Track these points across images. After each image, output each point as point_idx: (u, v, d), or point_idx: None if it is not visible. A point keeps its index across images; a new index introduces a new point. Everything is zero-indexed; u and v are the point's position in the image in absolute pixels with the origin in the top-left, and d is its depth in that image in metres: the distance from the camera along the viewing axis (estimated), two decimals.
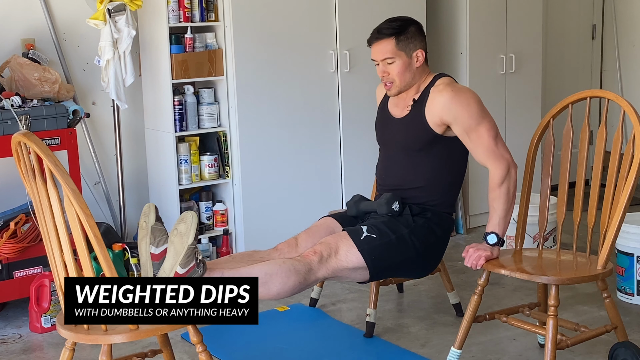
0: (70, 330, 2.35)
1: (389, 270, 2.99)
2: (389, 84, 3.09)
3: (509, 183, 2.97)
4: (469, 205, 5.17)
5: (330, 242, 2.88)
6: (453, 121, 2.97)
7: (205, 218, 4.47)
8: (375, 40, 3.06)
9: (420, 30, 3.12)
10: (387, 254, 2.91)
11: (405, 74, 3.05)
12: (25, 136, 2.25)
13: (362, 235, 2.89)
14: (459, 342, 3.00)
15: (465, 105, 2.96)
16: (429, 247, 3.00)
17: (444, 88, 3.01)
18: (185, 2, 4.21)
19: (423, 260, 3.02)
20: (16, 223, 3.70)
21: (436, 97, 3.00)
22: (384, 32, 3.04)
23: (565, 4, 6.20)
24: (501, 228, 2.96)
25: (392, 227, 2.95)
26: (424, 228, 2.99)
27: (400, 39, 3.04)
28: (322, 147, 4.62)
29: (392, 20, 3.09)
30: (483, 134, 2.97)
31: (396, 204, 2.99)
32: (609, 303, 2.93)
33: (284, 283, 2.71)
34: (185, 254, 2.52)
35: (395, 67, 3.04)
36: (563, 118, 3.13)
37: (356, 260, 2.86)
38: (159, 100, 4.37)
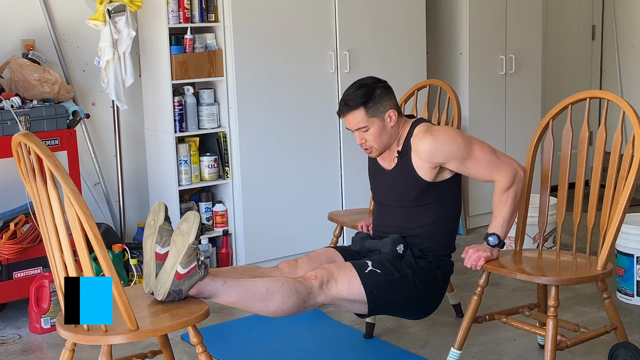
0: (70, 331, 2.35)
1: (387, 308, 2.98)
2: (369, 149, 3.09)
3: (517, 186, 2.97)
4: (468, 206, 5.18)
5: (333, 270, 2.87)
6: (446, 160, 2.96)
7: (205, 219, 4.47)
8: (345, 112, 3.03)
9: (387, 89, 3.06)
10: (389, 291, 2.91)
11: (382, 136, 3.03)
12: (26, 137, 2.24)
13: (367, 269, 2.89)
14: (458, 342, 3.00)
15: (450, 141, 2.95)
16: (429, 289, 3.00)
17: (423, 135, 2.99)
18: (185, 2, 4.21)
19: (422, 302, 3.01)
20: (16, 224, 3.70)
21: (419, 146, 2.98)
22: (350, 104, 3.00)
23: (565, 5, 6.21)
24: (504, 230, 2.96)
25: (396, 266, 2.95)
26: (425, 270, 2.99)
27: (369, 106, 2.99)
28: (321, 148, 4.62)
29: (357, 88, 3.03)
30: (479, 156, 2.96)
31: (401, 246, 3.00)
32: (608, 304, 2.93)
33: (283, 302, 2.71)
34: (186, 253, 2.52)
35: (371, 133, 3.02)
36: (563, 119, 3.13)
37: (357, 292, 2.85)
38: (158, 101, 4.37)
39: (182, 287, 2.54)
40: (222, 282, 2.64)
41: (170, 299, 2.54)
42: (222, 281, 2.64)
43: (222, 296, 2.64)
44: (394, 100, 3.06)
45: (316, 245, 4.47)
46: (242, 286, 2.67)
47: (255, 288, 2.68)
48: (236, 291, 2.66)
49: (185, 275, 2.53)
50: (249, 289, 2.67)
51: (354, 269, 2.88)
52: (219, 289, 2.63)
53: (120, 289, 2.26)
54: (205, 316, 2.47)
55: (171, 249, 2.55)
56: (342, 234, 3.90)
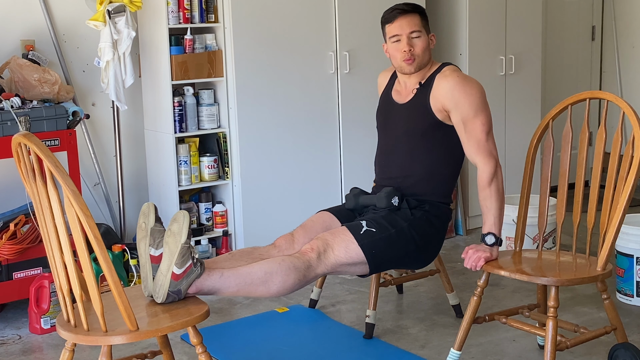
0: (70, 332, 2.35)
1: (388, 263, 3.01)
2: (411, 58, 3.11)
3: (497, 182, 2.99)
4: (468, 206, 5.18)
5: (328, 237, 2.88)
6: (453, 108, 2.99)
7: (204, 219, 4.47)
8: (403, 13, 3.14)
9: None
10: (387, 247, 2.93)
11: (426, 51, 3.14)
12: (26, 137, 2.25)
13: (362, 230, 2.91)
14: (458, 343, 3.00)
15: (468, 94, 2.99)
16: (428, 239, 3.02)
17: (449, 74, 3.07)
18: (185, 3, 4.21)
19: (422, 252, 3.04)
20: (16, 224, 3.69)
21: (441, 82, 3.05)
22: (408, 8, 3.14)
23: (565, 6, 6.21)
24: (497, 227, 2.97)
25: (391, 221, 2.96)
26: (422, 220, 3.01)
27: (424, 17, 3.15)
28: (321, 148, 4.62)
29: (408, 3, 3.19)
30: (477, 127, 2.98)
31: (395, 198, 3.00)
32: (608, 304, 2.93)
33: (284, 281, 2.72)
34: (180, 253, 2.52)
35: (420, 41, 3.12)
36: (562, 119, 3.13)
37: (356, 255, 2.87)
38: (158, 102, 4.37)
39: (180, 287, 2.54)
40: (219, 274, 2.63)
41: (170, 300, 2.54)
42: (219, 273, 2.63)
43: (221, 288, 2.64)
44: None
45: None
46: (240, 274, 2.67)
47: (253, 273, 2.68)
48: (235, 280, 2.66)
49: (182, 275, 2.53)
50: (248, 276, 2.67)
51: (349, 232, 2.89)
52: (217, 282, 2.63)
53: (120, 290, 2.26)
54: (205, 316, 2.47)
55: (164, 251, 2.55)
56: None
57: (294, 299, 3.98)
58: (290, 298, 4.02)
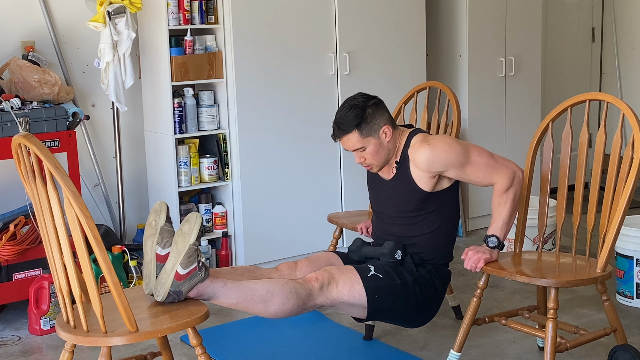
0: (69, 332, 2.35)
1: (386, 314, 2.98)
2: (369, 166, 3.10)
3: (517, 187, 2.97)
4: (468, 208, 5.18)
5: (335, 272, 2.87)
6: (445, 168, 2.96)
7: (204, 220, 4.47)
8: (340, 135, 3.03)
9: (378, 105, 3.04)
10: (390, 296, 2.91)
11: (380, 153, 3.03)
12: (26, 138, 2.25)
13: (369, 273, 2.89)
14: (458, 344, 3.00)
15: (447, 150, 2.95)
16: (429, 298, 3.00)
17: (420, 146, 2.99)
18: (185, 4, 4.22)
19: (421, 310, 3.01)
20: (15, 225, 3.69)
21: (417, 157, 2.98)
22: (343, 127, 3.00)
23: (565, 7, 6.21)
24: (503, 232, 2.96)
25: (397, 272, 2.95)
26: (425, 279, 2.99)
27: (362, 127, 2.98)
28: (321, 150, 4.62)
29: (348, 109, 3.00)
30: (477, 160, 2.97)
31: (399, 252, 3.00)
32: (608, 306, 2.93)
33: (283, 304, 2.71)
34: (187, 254, 2.52)
35: (368, 152, 3.03)
36: (562, 121, 3.13)
37: (359, 296, 2.85)
38: (158, 103, 4.37)
39: (182, 288, 2.54)
40: (222, 283, 2.64)
41: (169, 300, 2.54)
42: (222, 283, 2.64)
43: (222, 298, 2.65)
44: (386, 114, 3.05)
45: (316, 246, 4.48)
46: (242, 288, 2.67)
47: (255, 290, 2.69)
48: (236, 293, 2.66)
49: (186, 276, 2.53)
50: (249, 291, 2.68)
51: (356, 272, 2.88)
52: (219, 291, 2.63)
53: (120, 291, 2.26)
54: (205, 318, 2.47)
55: (172, 250, 2.55)
56: (342, 235, 3.90)
57: None
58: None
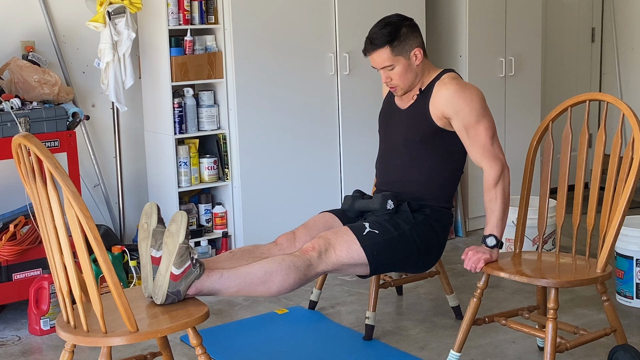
0: (69, 333, 2.35)
1: (389, 266, 3.02)
2: (394, 87, 3.11)
3: (504, 184, 2.98)
4: (468, 208, 5.18)
5: (330, 237, 2.88)
6: (454, 115, 2.98)
7: (204, 220, 4.47)
8: (370, 50, 3.06)
9: (413, 27, 3.09)
10: (389, 250, 2.93)
11: (407, 75, 3.07)
12: (26, 138, 2.25)
13: (365, 231, 2.91)
14: (458, 345, 3.00)
15: (469, 100, 2.97)
16: (429, 242, 3.02)
17: (449, 81, 3.04)
18: (185, 4, 4.22)
19: (423, 256, 3.04)
20: (15, 225, 3.69)
21: (440, 90, 3.02)
22: (376, 42, 3.03)
23: (565, 7, 6.21)
24: (499, 230, 2.97)
25: (394, 224, 2.97)
26: (424, 224, 3.01)
27: (394, 44, 3.02)
28: (321, 150, 4.62)
29: (382, 26, 3.06)
30: (481, 132, 2.98)
31: (390, 202, 3.00)
32: (608, 306, 2.93)
33: (284, 280, 2.72)
34: (178, 253, 2.52)
35: (396, 72, 3.06)
36: (562, 121, 3.13)
37: (357, 256, 2.87)
38: (158, 103, 4.37)
39: (180, 287, 2.53)
40: (218, 275, 2.63)
41: (169, 302, 2.54)
42: (218, 274, 2.63)
43: (222, 289, 2.64)
44: (420, 39, 3.09)
45: None
46: (239, 274, 2.67)
47: (253, 274, 2.68)
48: (235, 281, 2.65)
49: (181, 276, 2.53)
50: (247, 276, 2.67)
51: (351, 232, 2.89)
52: (217, 283, 2.62)
53: (120, 291, 2.26)
54: (205, 318, 2.47)
55: (164, 252, 2.55)
56: None
57: (294, 301, 3.98)
58: (289, 299, 4.01)
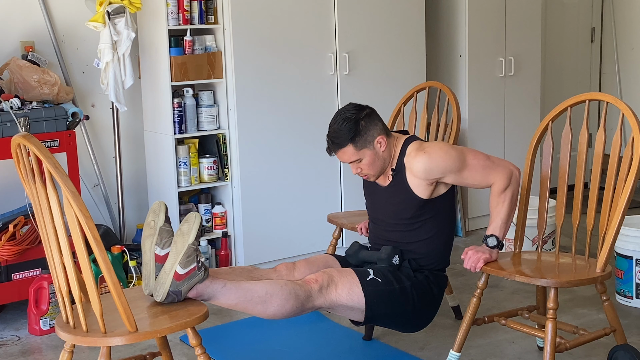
0: (69, 333, 2.35)
1: (383, 318, 2.98)
2: (366, 176, 3.10)
3: (514, 186, 2.97)
4: (468, 208, 5.18)
5: (334, 275, 2.86)
6: (442, 175, 2.96)
7: (204, 221, 4.47)
8: (335, 149, 3.03)
9: (371, 116, 3.03)
10: (388, 301, 2.91)
11: (376, 163, 3.03)
12: (25, 138, 2.24)
13: (369, 277, 2.89)
14: (458, 345, 3.00)
15: (443, 156, 2.95)
16: (426, 303, 3.00)
17: (416, 154, 2.98)
18: (185, 4, 4.21)
19: (418, 316, 3.01)
20: (15, 225, 3.69)
21: (414, 166, 2.98)
22: (337, 142, 3.00)
23: (564, 7, 6.21)
24: (502, 231, 2.97)
25: (396, 277, 2.95)
26: (423, 284, 3.00)
27: (356, 140, 2.98)
28: (321, 150, 4.58)
29: (341, 122, 2.99)
30: (473, 164, 2.97)
31: (396, 257, 3.00)
32: (607, 306, 2.93)
33: (282, 306, 2.72)
34: (186, 253, 2.52)
35: (365, 163, 3.03)
36: (562, 121, 3.13)
37: (357, 299, 2.85)
38: (158, 103, 4.37)
39: (181, 288, 2.54)
40: (221, 284, 2.64)
41: (169, 300, 2.54)
42: (221, 283, 2.64)
43: (221, 298, 2.65)
44: (380, 124, 3.04)
45: (315, 246, 4.49)
46: (241, 289, 2.67)
47: (254, 291, 2.69)
48: (235, 294, 2.66)
49: (185, 276, 2.53)
50: (248, 292, 2.68)
51: (355, 275, 2.88)
52: (218, 292, 2.63)
53: (120, 291, 2.26)
54: (205, 318, 2.47)
55: (171, 250, 2.55)
56: (342, 235, 3.89)
57: None
58: None
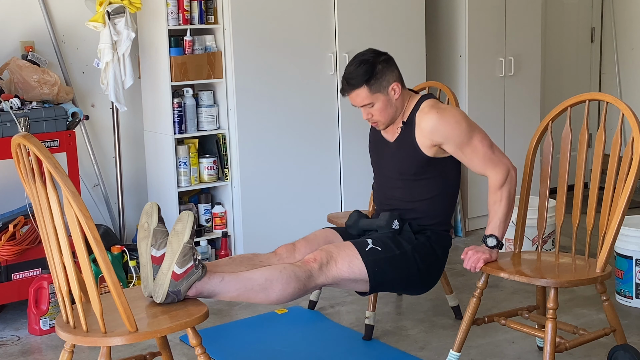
0: (69, 333, 2.35)
1: (388, 285, 3.00)
2: (376, 123, 3.10)
3: (510, 185, 2.98)
4: (467, 207, 5.18)
5: (332, 250, 2.87)
6: (444, 141, 2.96)
7: (204, 220, 4.47)
8: (348, 91, 3.03)
9: (388, 62, 3.05)
10: (390, 268, 2.92)
11: (388, 110, 3.04)
12: (25, 138, 2.24)
13: (367, 247, 2.90)
14: (457, 345, 3.00)
15: (453, 123, 2.96)
16: (429, 265, 3.01)
17: (429, 111, 3.00)
18: (185, 4, 4.21)
19: (423, 278, 3.02)
20: (15, 225, 3.69)
21: (423, 120, 2.99)
22: (353, 82, 3.00)
23: (564, 7, 6.21)
24: (501, 231, 2.97)
25: (396, 243, 2.96)
26: (425, 246, 3.00)
27: (371, 83, 2.99)
28: (321, 150, 4.62)
29: (358, 64, 3.01)
30: (477, 146, 2.97)
31: (396, 222, 3.00)
32: (607, 306, 2.93)
33: (284, 289, 2.71)
34: (182, 253, 2.52)
35: (377, 109, 3.03)
36: (562, 121, 3.13)
37: (359, 271, 2.86)
38: (158, 103, 4.37)
39: (180, 287, 2.53)
40: (219, 278, 2.63)
41: (169, 301, 2.54)
42: (219, 277, 2.63)
43: (221, 293, 2.64)
44: (396, 72, 3.06)
45: None
46: (240, 279, 2.67)
47: (254, 280, 2.68)
48: (235, 285, 2.66)
49: (183, 275, 2.53)
50: (248, 282, 2.67)
51: (354, 247, 2.89)
52: (218, 286, 2.63)
53: (119, 291, 2.26)
54: (205, 318, 2.47)
55: (167, 250, 2.55)
56: None
57: (294, 301, 3.97)
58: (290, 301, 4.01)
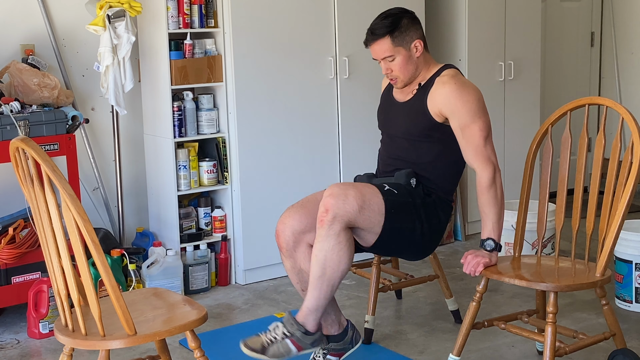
0: (68, 336, 2.35)
1: (395, 235, 2.98)
2: (394, 79, 3.12)
3: (496, 187, 2.99)
4: (467, 212, 5.18)
5: (363, 190, 2.90)
6: (450, 114, 2.99)
7: (203, 224, 4.47)
8: (371, 41, 3.09)
9: (414, 19, 3.12)
10: (403, 212, 2.95)
11: (408, 66, 3.08)
12: (23, 142, 2.25)
13: (385, 188, 2.96)
14: (457, 349, 3.00)
15: (465, 100, 2.98)
16: (432, 226, 3.05)
17: (448, 80, 3.04)
18: (185, 8, 4.22)
19: (425, 239, 3.05)
20: (14, 228, 3.69)
21: (439, 87, 3.03)
22: (377, 32, 3.06)
23: (564, 11, 6.22)
24: (496, 233, 2.97)
25: (410, 191, 3.02)
26: (431, 207, 3.05)
27: (395, 35, 3.04)
28: (321, 154, 4.62)
29: (384, 17, 3.09)
30: (475, 133, 2.98)
31: (413, 179, 3.04)
32: (607, 310, 2.93)
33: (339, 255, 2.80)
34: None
35: (396, 63, 3.07)
36: (562, 125, 3.14)
37: (377, 209, 2.88)
38: (158, 106, 4.37)
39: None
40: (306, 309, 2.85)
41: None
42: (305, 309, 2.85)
43: (321, 301, 2.84)
44: (420, 31, 3.12)
45: None
46: (312, 288, 2.83)
47: (314, 273, 2.81)
48: (311, 293, 2.83)
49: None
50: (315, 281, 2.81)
51: (374, 186, 2.95)
52: (312, 314, 2.83)
53: (118, 294, 2.26)
54: (203, 321, 2.47)
55: None
56: None
57: (293, 305, 3.97)
58: (289, 303, 4.01)
